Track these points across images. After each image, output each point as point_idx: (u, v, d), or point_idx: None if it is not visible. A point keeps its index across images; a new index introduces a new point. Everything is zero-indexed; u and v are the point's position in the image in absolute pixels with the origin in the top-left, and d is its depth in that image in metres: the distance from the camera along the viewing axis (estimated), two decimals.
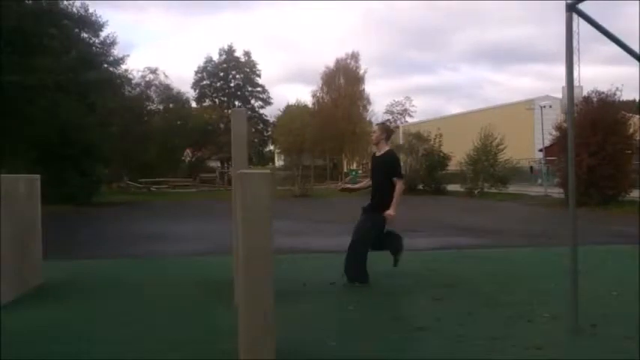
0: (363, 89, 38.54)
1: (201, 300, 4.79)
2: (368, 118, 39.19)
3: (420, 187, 23.81)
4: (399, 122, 54.54)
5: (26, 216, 5.21)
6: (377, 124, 5.89)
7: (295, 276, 5.45)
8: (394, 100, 61.91)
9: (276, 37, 79.88)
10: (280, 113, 46.80)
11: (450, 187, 23.76)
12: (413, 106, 61.75)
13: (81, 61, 18.98)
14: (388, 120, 42.83)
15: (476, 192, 21.49)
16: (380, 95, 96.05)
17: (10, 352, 3.41)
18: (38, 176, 5.59)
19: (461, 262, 6.59)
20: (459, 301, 4.52)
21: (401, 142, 26.77)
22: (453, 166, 24.79)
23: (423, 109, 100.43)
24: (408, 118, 58.52)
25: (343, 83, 37.98)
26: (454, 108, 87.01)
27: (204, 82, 48.68)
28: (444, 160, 24.03)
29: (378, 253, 5.56)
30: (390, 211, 5.31)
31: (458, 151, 24.10)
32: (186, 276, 5.88)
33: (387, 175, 5.39)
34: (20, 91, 15.17)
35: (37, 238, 5.47)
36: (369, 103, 38.92)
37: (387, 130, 5.81)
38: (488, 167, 21.71)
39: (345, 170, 37.62)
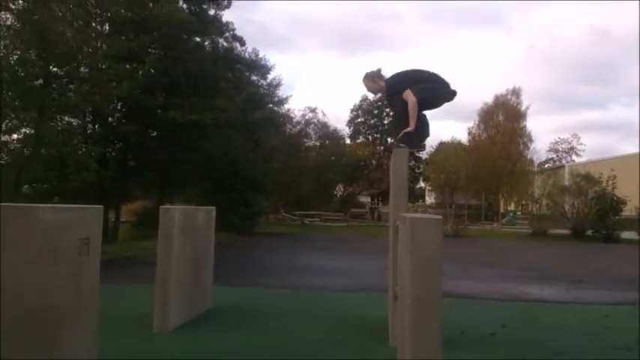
0: (525, 126, 36.55)
1: (355, 337, 4.82)
2: (529, 156, 37.01)
3: (589, 233, 21.71)
4: (564, 161, 50.65)
5: (202, 244, 5.75)
6: (362, 80, 5.17)
7: (452, 322, 5.22)
8: (559, 138, 57.78)
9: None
10: (432, 150, 46.23)
11: (624, 235, 21.31)
12: (581, 144, 57.02)
13: (250, 102, 20.71)
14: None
15: None
16: (543, 132, 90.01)
17: None
18: (214, 208, 6.15)
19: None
20: None
21: (567, 182, 24.77)
22: (627, 212, 22.30)
23: (592, 148, 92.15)
24: (575, 157, 54.15)
25: (502, 120, 36.40)
26: (628, 147, 78.47)
27: (359, 120, 50.07)
28: (617, 204, 21.67)
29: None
30: (409, 129, 4.73)
31: (633, 195, 21.57)
32: (339, 311, 5.97)
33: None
34: (199, 129, 16.96)
35: (210, 264, 5.99)
36: (530, 140, 36.73)
37: (372, 77, 5.16)
38: None
39: (501, 210, 35.72)
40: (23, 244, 2.80)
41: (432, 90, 4.95)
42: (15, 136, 13.88)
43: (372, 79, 5.18)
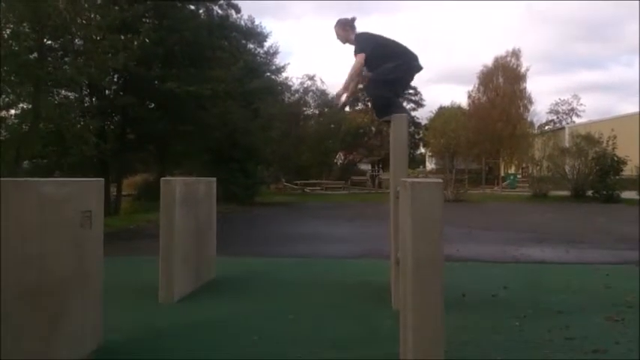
0: (525, 88, 36.21)
1: (359, 301, 4.88)
2: (529, 119, 36.81)
3: (590, 193, 21.77)
4: (564, 122, 50.44)
5: (204, 215, 5.77)
6: (334, 26, 5.01)
7: (453, 285, 5.27)
8: (559, 99, 57.48)
9: (429, 37, 78.58)
10: (432, 115, 46.03)
11: (624, 195, 21.37)
12: (581, 104, 56.79)
13: (247, 71, 20.49)
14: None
15: None
16: (543, 94, 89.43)
17: (188, 341, 3.80)
18: (214, 179, 6.15)
19: None
20: None
21: (567, 144, 24.72)
22: (627, 172, 22.30)
23: (592, 109, 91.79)
24: (575, 118, 53.91)
25: (502, 82, 36.04)
26: (628, 107, 78.16)
27: (359, 87, 49.62)
28: (617, 164, 21.66)
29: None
30: (339, 90, 4.88)
31: (633, 155, 21.54)
32: (342, 278, 6.04)
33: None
34: (196, 100, 16.84)
35: (212, 235, 6.03)
36: (530, 102, 36.43)
37: (343, 24, 4.99)
38: None
39: (502, 174, 35.74)
40: (25, 218, 2.81)
41: (403, 69, 4.83)
42: (12, 111, 13.83)
43: (344, 27, 5.00)
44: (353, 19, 5.00)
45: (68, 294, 3.20)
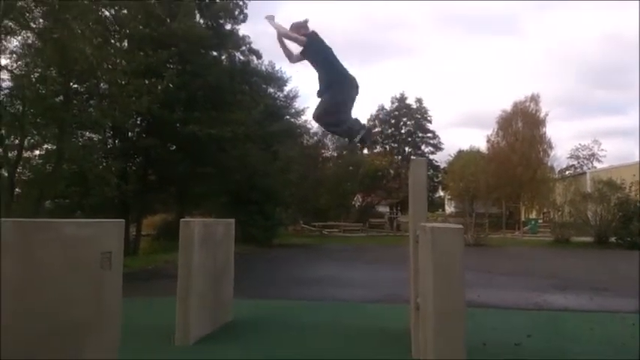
0: (544, 132, 36.13)
1: (378, 349, 4.77)
2: (549, 164, 36.52)
3: (613, 240, 21.30)
4: (585, 168, 49.88)
5: (223, 256, 5.76)
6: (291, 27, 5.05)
7: (474, 333, 5.13)
8: (580, 144, 56.88)
9: (448, 81, 79.27)
10: (451, 158, 45.94)
11: None
12: (602, 149, 56.03)
13: (267, 114, 20.85)
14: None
15: None
16: (563, 139, 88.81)
17: None
18: (233, 220, 6.17)
19: None
20: None
21: (589, 189, 24.37)
22: None
23: (613, 154, 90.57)
24: (596, 164, 53.25)
25: (521, 127, 36.03)
26: None
27: (376, 130, 50.03)
28: None
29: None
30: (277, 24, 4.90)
31: None
32: (360, 322, 5.93)
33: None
34: (217, 142, 17.11)
35: (230, 276, 6.00)
36: (550, 147, 36.25)
37: (297, 27, 5.01)
38: None
39: (522, 219, 35.26)
40: (47, 259, 2.84)
41: (344, 93, 4.94)
42: (37, 152, 14.17)
43: (298, 29, 5.04)
44: (306, 21, 5.07)
45: (86, 335, 3.18)
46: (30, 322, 2.70)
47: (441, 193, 52.83)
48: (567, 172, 45.94)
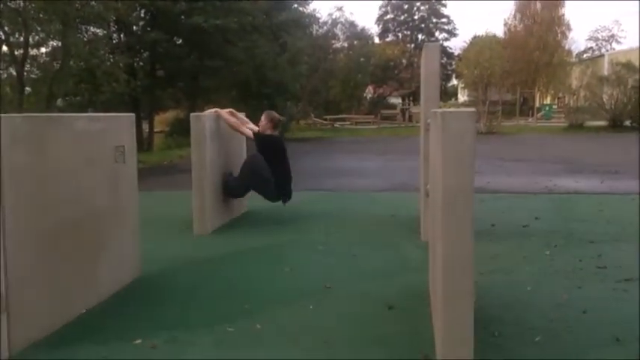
0: (563, 14, 34.46)
1: (389, 232, 4.94)
2: (567, 47, 35.21)
3: (627, 123, 21.04)
4: (604, 50, 48.10)
5: (234, 149, 5.83)
6: (264, 114, 5.76)
7: (483, 217, 5.26)
8: (599, 25, 54.58)
9: None
10: (466, 45, 44.39)
11: None
12: (622, 30, 53.81)
13: (274, 3, 19.96)
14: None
15: None
16: (583, 21, 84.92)
17: (224, 271, 3.94)
18: (244, 114, 6.14)
19: None
20: None
21: (606, 72, 23.68)
22: None
23: (634, 35, 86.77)
24: (615, 45, 51.25)
25: (539, 8, 34.31)
26: None
27: (388, 17, 48.03)
28: None
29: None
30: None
31: None
32: (373, 211, 6.09)
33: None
34: (223, 34, 16.60)
35: None
36: (568, 29, 34.73)
37: (272, 119, 5.64)
38: None
39: (537, 105, 34.70)
40: (60, 153, 2.88)
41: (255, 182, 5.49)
42: (43, 49, 13.94)
43: (272, 119, 5.66)
44: (280, 121, 5.79)
45: (106, 227, 3.32)
46: (50, 214, 2.80)
47: (454, 81, 51.78)
48: (585, 55, 44.41)
